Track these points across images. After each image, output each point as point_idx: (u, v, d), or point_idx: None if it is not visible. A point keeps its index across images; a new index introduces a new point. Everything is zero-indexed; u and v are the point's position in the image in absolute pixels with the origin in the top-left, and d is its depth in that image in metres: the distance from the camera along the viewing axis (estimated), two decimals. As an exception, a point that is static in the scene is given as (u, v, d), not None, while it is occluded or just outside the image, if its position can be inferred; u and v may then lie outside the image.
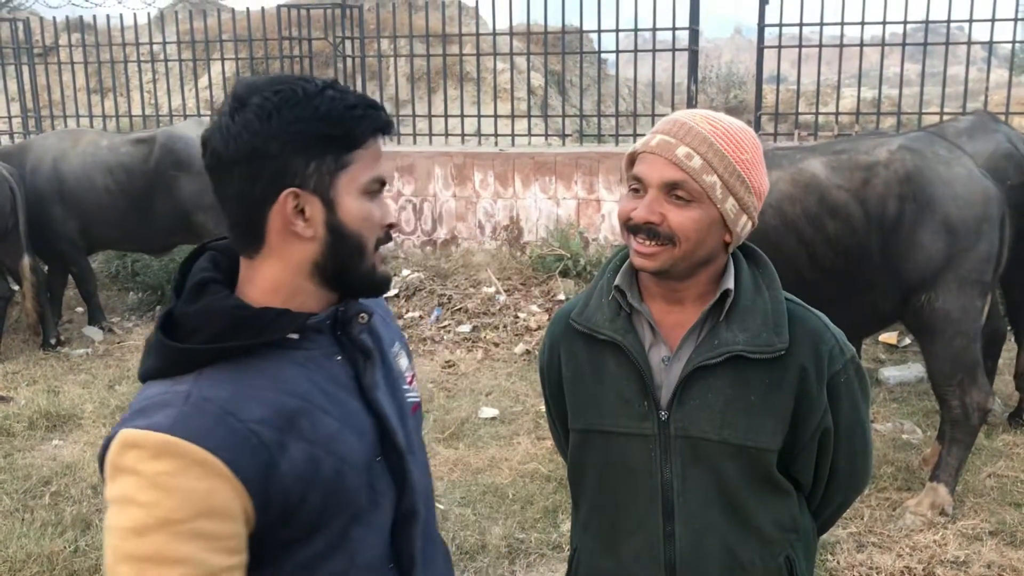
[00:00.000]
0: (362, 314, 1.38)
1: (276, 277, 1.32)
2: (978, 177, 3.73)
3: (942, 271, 3.68)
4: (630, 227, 1.55)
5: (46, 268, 6.72)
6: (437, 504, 3.99)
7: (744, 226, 1.57)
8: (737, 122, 1.58)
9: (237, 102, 1.28)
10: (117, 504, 1.20)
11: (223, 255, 1.38)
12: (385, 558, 1.40)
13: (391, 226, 1.38)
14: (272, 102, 1.26)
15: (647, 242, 1.53)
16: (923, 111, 7.06)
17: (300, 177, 1.27)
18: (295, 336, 1.32)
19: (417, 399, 1.53)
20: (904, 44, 7.07)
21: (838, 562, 3.47)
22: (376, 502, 1.37)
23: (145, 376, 1.30)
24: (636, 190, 1.56)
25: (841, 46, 7.18)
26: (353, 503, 1.34)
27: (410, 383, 1.51)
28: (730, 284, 1.59)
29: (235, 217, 1.31)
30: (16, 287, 6.69)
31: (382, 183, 1.36)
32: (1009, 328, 4.87)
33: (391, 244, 1.43)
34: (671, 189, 1.51)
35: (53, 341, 6.51)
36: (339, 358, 1.37)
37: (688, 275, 1.58)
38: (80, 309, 7.37)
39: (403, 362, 1.52)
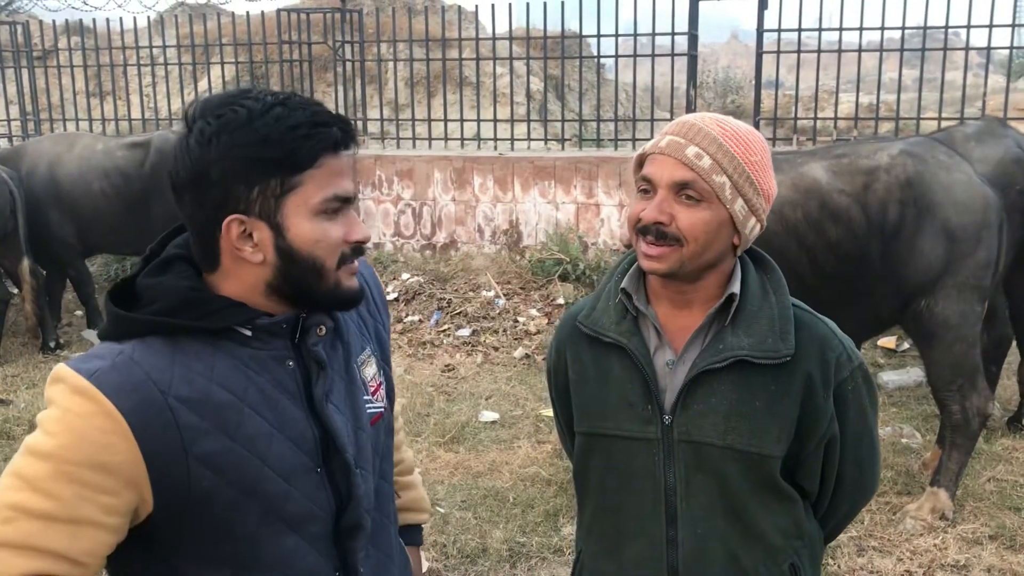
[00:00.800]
0: (320, 326, 1.37)
1: (234, 289, 1.32)
2: (977, 183, 3.74)
3: (941, 277, 3.69)
4: (639, 228, 1.56)
5: (44, 272, 6.72)
6: (437, 508, 3.99)
7: (752, 228, 1.57)
8: (746, 125, 1.59)
9: (187, 124, 1.28)
10: (39, 425, 1.24)
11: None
12: (328, 568, 1.39)
13: (359, 241, 1.35)
14: (212, 127, 1.24)
15: (656, 243, 1.53)
16: (921, 116, 7.08)
17: (244, 203, 1.26)
18: (247, 333, 1.32)
19: (379, 410, 1.49)
20: (902, 49, 7.10)
21: (839, 566, 3.47)
22: (312, 513, 1.36)
23: (100, 336, 1.33)
24: (646, 191, 1.56)
25: (840, 51, 7.20)
26: (278, 507, 1.32)
27: (374, 393, 1.49)
28: (736, 288, 1.58)
29: (193, 237, 1.33)
30: (15, 290, 6.68)
31: (345, 200, 1.32)
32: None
33: (390, 247, 1.41)
34: (681, 189, 1.52)
35: (52, 344, 6.51)
36: (291, 364, 1.35)
37: (696, 278, 1.58)
38: (79, 312, 7.37)
39: (369, 371, 1.49)
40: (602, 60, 9.60)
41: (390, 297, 7.04)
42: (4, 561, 1.19)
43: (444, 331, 6.58)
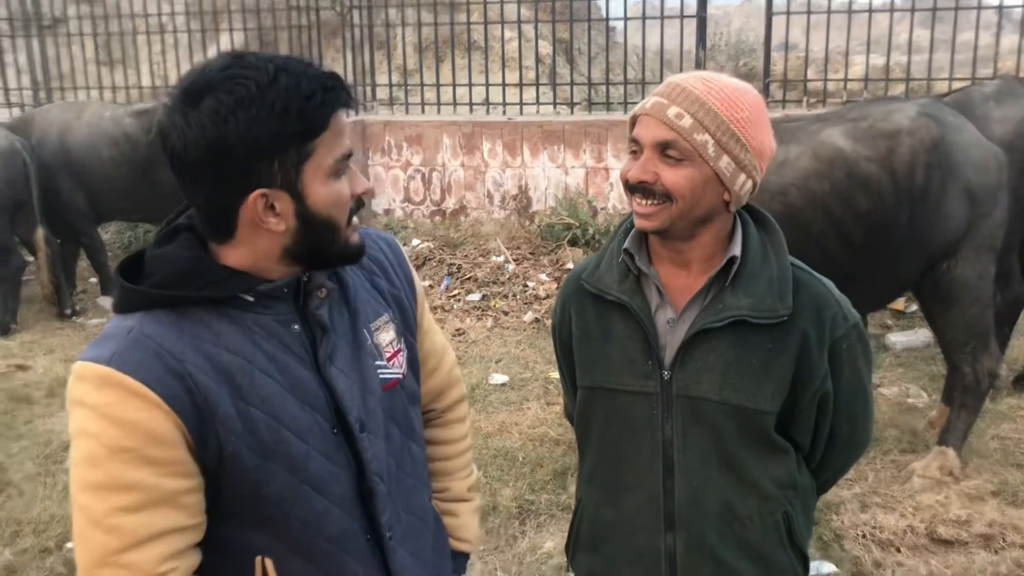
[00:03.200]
0: (321, 288, 1.39)
1: (243, 259, 1.34)
2: (987, 143, 3.73)
3: (962, 239, 3.67)
4: (628, 187, 1.60)
5: (58, 240, 6.79)
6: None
7: (743, 185, 1.59)
8: (736, 82, 1.60)
9: (188, 100, 1.25)
10: (75, 438, 1.26)
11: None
12: (360, 530, 1.43)
13: (363, 194, 1.38)
14: (227, 104, 1.22)
15: (644, 201, 1.58)
16: (932, 77, 7.03)
17: (266, 177, 1.27)
18: (250, 299, 1.34)
19: (395, 375, 1.50)
20: (913, 10, 7.03)
21: (843, 521, 3.53)
22: (334, 474, 1.39)
23: (114, 308, 1.36)
24: (635, 152, 1.60)
25: (850, 12, 7.14)
26: (300, 467, 1.34)
27: (390, 359, 1.49)
28: (737, 251, 1.62)
29: (204, 211, 1.33)
30: (30, 259, 6.77)
31: (348, 155, 1.34)
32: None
33: (400, 213, 1.45)
34: (663, 149, 1.55)
35: (68, 311, 6.60)
36: (296, 328, 1.37)
37: (690, 235, 1.62)
38: (93, 280, 7.45)
39: (384, 337, 1.50)
40: (611, 23, 9.54)
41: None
42: (138, 561, 1.24)
43: (454, 296, 6.64)
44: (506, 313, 6.37)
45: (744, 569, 1.68)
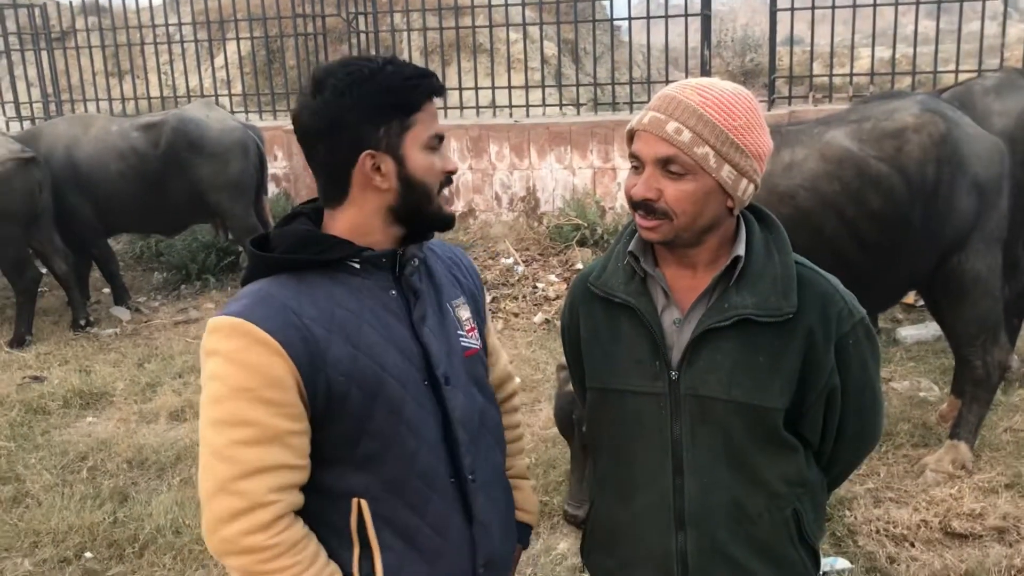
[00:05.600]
0: (414, 259, 1.63)
1: (355, 219, 1.58)
2: (988, 135, 3.75)
3: (972, 232, 3.67)
4: (631, 203, 1.62)
5: (70, 252, 6.83)
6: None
7: (746, 190, 1.60)
8: (730, 87, 1.61)
9: (316, 84, 1.53)
10: (206, 382, 1.49)
11: (316, 212, 1.65)
12: (445, 473, 1.62)
13: (451, 171, 1.62)
14: (344, 82, 1.50)
15: (647, 217, 1.60)
16: (939, 70, 7.01)
17: (374, 141, 1.53)
18: (356, 265, 1.57)
19: (475, 345, 1.73)
20: (918, 2, 7.02)
21: (856, 517, 3.54)
22: (425, 419, 1.58)
23: (244, 280, 1.60)
24: (636, 167, 1.62)
25: (855, 5, 7.13)
26: (398, 409, 1.55)
27: (469, 332, 1.72)
28: (740, 251, 1.63)
29: (324, 177, 1.58)
30: (44, 270, 6.82)
31: (440, 137, 1.59)
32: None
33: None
34: (665, 164, 1.57)
35: (83, 322, 6.65)
36: (393, 292, 1.61)
37: (696, 242, 1.64)
38: (106, 290, 7.51)
39: (463, 313, 1.73)
40: (616, 22, 9.55)
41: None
42: (250, 489, 1.44)
43: (465, 298, 6.65)
44: (516, 315, 6.39)
45: (755, 567, 1.69)
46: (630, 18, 8.63)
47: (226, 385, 1.45)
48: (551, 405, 4.80)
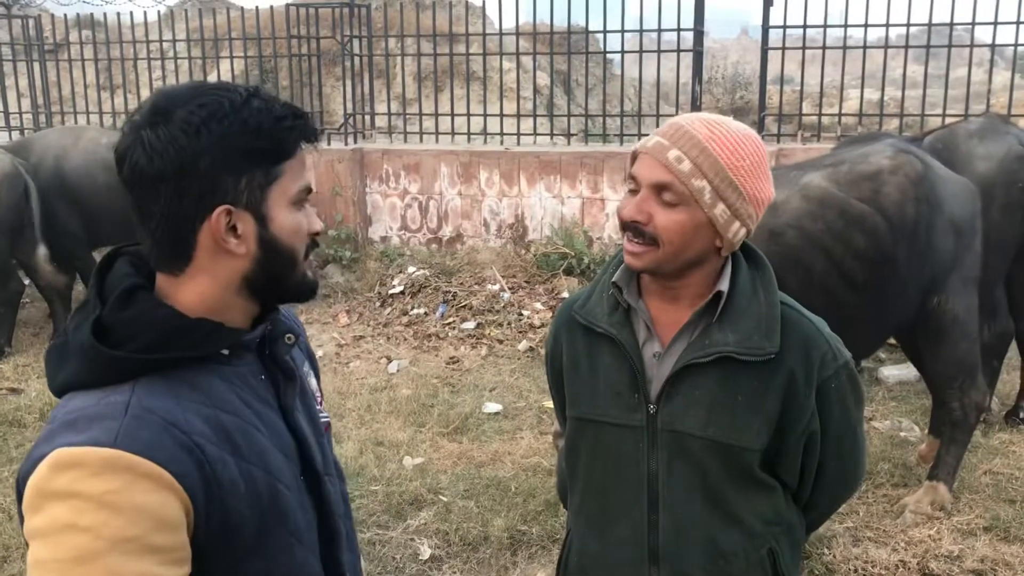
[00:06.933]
0: (288, 335, 1.36)
1: (204, 293, 1.26)
2: (959, 177, 3.82)
3: (950, 272, 3.69)
4: (622, 224, 1.61)
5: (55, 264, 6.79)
6: (440, 496, 4.06)
7: (737, 233, 1.58)
8: (742, 128, 1.59)
9: (158, 115, 1.22)
10: (51, 535, 1.11)
11: (143, 261, 1.31)
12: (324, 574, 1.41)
13: (316, 234, 1.34)
14: (199, 116, 1.20)
15: (635, 240, 1.59)
16: (926, 113, 7.10)
17: (232, 194, 1.23)
18: (225, 352, 1.29)
19: (328, 418, 1.51)
20: (907, 47, 7.12)
21: (834, 556, 3.53)
22: (308, 522, 1.37)
23: (67, 387, 1.22)
24: (633, 190, 1.61)
25: (845, 48, 7.23)
26: (291, 521, 1.31)
27: (320, 403, 1.50)
28: (724, 286, 1.62)
29: (160, 235, 1.25)
30: (27, 282, 6.77)
31: (308, 191, 1.32)
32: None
33: (397, 241, 1.46)
34: (660, 191, 1.55)
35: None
36: (263, 377, 1.34)
37: (679, 276, 1.62)
38: (89, 304, 7.43)
39: (313, 382, 1.50)
40: (609, 55, 9.63)
41: (396, 290, 7.12)
42: None
43: (449, 324, 6.65)
44: (501, 342, 6.38)
45: (730, 604, 1.67)
46: (623, 52, 8.69)
47: (100, 538, 1.09)
48: (532, 433, 4.79)
